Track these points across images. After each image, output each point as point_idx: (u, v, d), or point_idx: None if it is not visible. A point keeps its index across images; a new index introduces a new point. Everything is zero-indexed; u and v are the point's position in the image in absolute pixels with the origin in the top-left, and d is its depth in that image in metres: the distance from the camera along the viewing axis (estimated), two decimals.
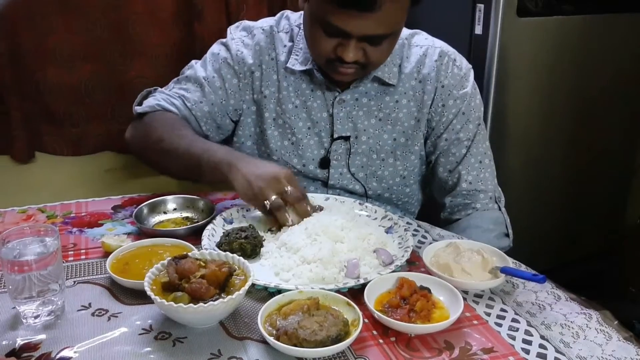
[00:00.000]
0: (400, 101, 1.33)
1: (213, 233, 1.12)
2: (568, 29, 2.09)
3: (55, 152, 1.95)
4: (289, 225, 1.11)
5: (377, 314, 0.87)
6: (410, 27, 1.37)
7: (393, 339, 0.87)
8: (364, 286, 0.93)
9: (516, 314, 0.94)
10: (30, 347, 0.84)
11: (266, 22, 1.39)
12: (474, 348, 0.86)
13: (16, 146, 1.86)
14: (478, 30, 1.94)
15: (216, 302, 0.84)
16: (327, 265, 1.01)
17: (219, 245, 1.07)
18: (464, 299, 0.94)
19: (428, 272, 1.00)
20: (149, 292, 0.86)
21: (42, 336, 0.86)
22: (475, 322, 0.92)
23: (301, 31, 1.32)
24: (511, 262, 1.03)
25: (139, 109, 1.35)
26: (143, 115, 1.34)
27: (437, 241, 1.11)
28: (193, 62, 1.40)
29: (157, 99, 1.35)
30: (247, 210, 1.21)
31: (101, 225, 1.22)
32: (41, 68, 1.82)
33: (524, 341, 0.87)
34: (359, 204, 1.25)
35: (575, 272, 2.02)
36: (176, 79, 1.40)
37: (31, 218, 1.25)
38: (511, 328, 0.91)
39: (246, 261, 0.94)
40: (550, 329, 0.90)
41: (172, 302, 0.84)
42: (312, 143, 1.36)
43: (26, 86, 1.83)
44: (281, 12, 1.40)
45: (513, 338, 0.88)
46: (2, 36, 1.74)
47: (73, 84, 1.87)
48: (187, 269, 0.88)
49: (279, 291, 0.93)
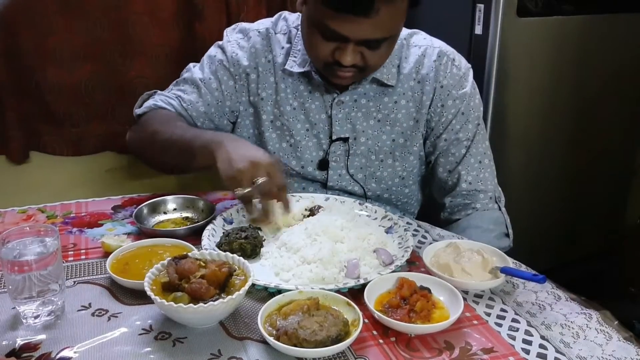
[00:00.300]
0: (399, 102, 1.33)
1: (213, 233, 1.12)
2: (568, 29, 2.09)
3: (55, 152, 1.95)
4: (252, 218, 1.11)
5: (377, 314, 0.87)
6: (409, 27, 1.36)
7: (393, 339, 0.87)
8: (364, 286, 0.93)
9: (516, 314, 0.94)
10: (30, 347, 0.84)
11: (263, 24, 1.38)
12: (474, 348, 0.86)
13: (11, 146, 1.86)
14: (478, 30, 1.93)
15: (216, 302, 0.84)
16: (327, 265, 1.01)
17: (219, 245, 1.07)
18: (464, 299, 0.93)
19: (428, 272, 1.00)
20: (149, 292, 0.86)
21: (42, 336, 0.86)
22: (475, 322, 0.92)
23: (299, 33, 1.32)
24: (511, 262, 1.03)
25: (138, 110, 1.38)
26: (141, 116, 1.37)
27: (437, 241, 1.11)
28: (191, 65, 1.42)
29: (155, 100, 1.37)
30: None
31: (101, 225, 1.22)
32: (41, 68, 1.82)
33: (524, 341, 0.87)
34: (359, 204, 1.25)
35: (575, 272, 2.02)
36: (175, 82, 1.42)
37: (31, 218, 1.25)
38: (511, 328, 0.91)
39: (246, 261, 0.94)
40: (550, 329, 0.90)
41: (172, 302, 0.84)
42: (311, 145, 1.36)
43: (26, 86, 1.83)
44: (279, 14, 1.40)
45: (513, 338, 0.88)
46: (0, 37, 1.74)
47: (73, 84, 1.87)
48: (187, 269, 0.88)
49: (279, 291, 0.93)
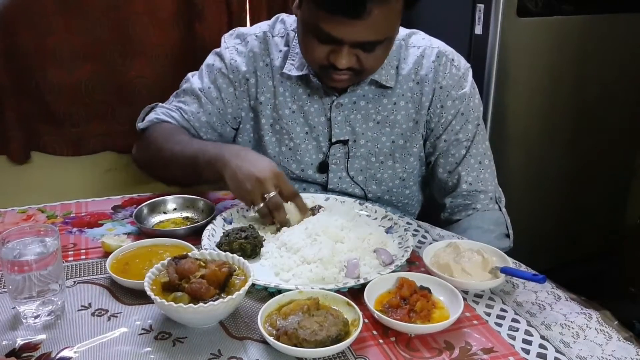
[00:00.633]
0: (398, 103, 1.32)
1: (213, 233, 1.12)
2: (568, 29, 2.08)
3: (55, 153, 1.95)
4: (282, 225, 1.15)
5: (377, 314, 0.87)
6: (409, 27, 1.36)
7: (393, 339, 0.87)
8: (364, 286, 0.93)
9: (516, 314, 0.94)
10: (30, 347, 0.84)
11: (260, 28, 1.37)
12: (474, 348, 0.86)
13: (11, 147, 1.86)
14: (478, 30, 1.93)
15: (216, 302, 0.84)
16: (327, 265, 1.01)
17: (219, 245, 1.07)
18: (464, 299, 0.94)
19: (428, 272, 1.00)
20: (149, 292, 0.86)
21: (42, 336, 0.86)
22: (475, 322, 0.92)
23: (297, 35, 1.31)
24: (511, 262, 1.03)
25: (141, 125, 1.38)
26: (144, 130, 1.37)
27: (437, 241, 1.11)
28: (189, 75, 1.41)
29: (157, 113, 1.37)
30: (247, 210, 1.21)
31: (101, 225, 1.22)
32: (41, 68, 1.83)
33: (524, 341, 0.87)
34: (359, 204, 1.25)
35: (575, 272, 2.01)
36: (175, 93, 1.42)
37: (31, 218, 1.25)
38: (511, 328, 0.91)
39: (246, 261, 0.94)
40: (550, 329, 0.90)
41: (172, 302, 0.84)
42: (310, 148, 1.36)
43: (26, 86, 1.83)
44: (276, 16, 1.39)
45: (513, 338, 0.88)
46: (0, 36, 1.74)
47: (73, 84, 1.88)
48: (187, 269, 0.88)
49: (279, 291, 0.93)
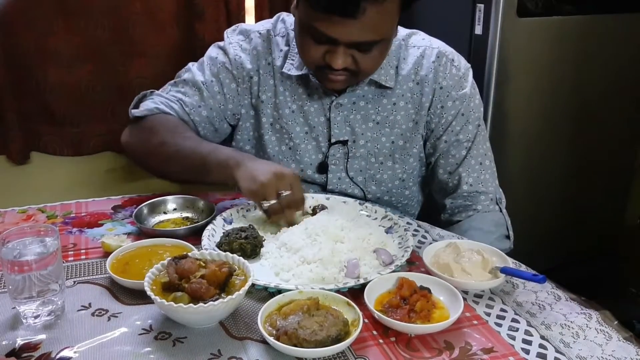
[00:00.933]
0: (397, 104, 1.32)
1: (213, 233, 1.12)
2: (568, 29, 2.08)
3: (55, 153, 1.95)
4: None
5: (377, 314, 0.87)
6: (409, 27, 1.36)
7: (393, 339, 0.87)
8: (364, 286, 0.93)
9: (516, 314, 0.94)
10: (30, 347, 0.84)
11: (263, 26, 1.37)
12: (474, 348, 0.86)
13: (11, 147, 1.86)
14: (478, 30, 1.93)
15: (216, 302, 0.84)
16: (327, 265, 1.01)
17: (219, 245, 1.07)
18: (464, 299, 0.94)
19: (428, 272, 1.00)
20: (149, 292, 0.86)
21: (42, 336, 0.86)
22: (475, 322, 0.92)
23: (294, 36, 1.31)
24: (511, 262, 1.03)
25: (137, 112, 1.31)
26: (140, 118, 1.31)
27: (437, 241, 1.11)
28: (190, 65, 1.38)
29: (156, 103, 1.32)
30: (247, 210, 1.22)
31: (101, 225, 1.22)
32: (41, 68, 1.83)
33: (524, 341, 0.87)
34: (359, 204, 1.25)
35: (575, 272, 2.01)
36: (173, 82, 1.38)
37: (31, 218, 1.25)
38: (511, 328, 0.91)
39: (246, 261, 0.94)
40: (550, 329, 0.90)
41: (172, 302, 0.84)
42: (310, 148, 1.36)
43: (26, 86, 1.83)
44: (277, 15, 1.38)
45: (513, 338, 0.88)
46: (0, 36, 1.74)
47: (73, 84, 1.88)
48: (187, 269, 0.88)
49: (279, 291, 0.93)
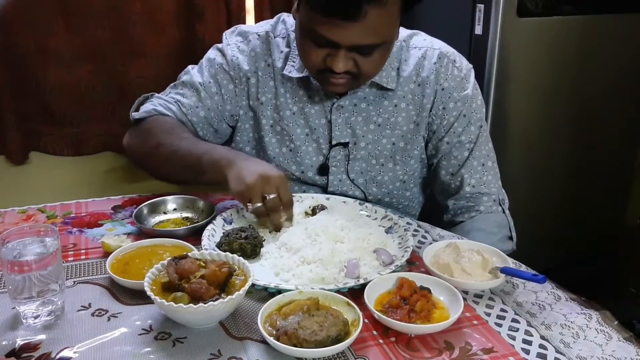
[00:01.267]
0: (399, 105, 1.32)
1: (213, 233, 1.12)
2: (568, 29, 2.08)
3: (55, 153, 1.95)
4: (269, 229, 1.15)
5: (377, 314, 0.87)
6: (410, 28, 1.36)
7: (393, 339, 0.87)
8: (364, 286, 0.93)
9: (516, 314, 0.94)
10: (30, 347, 0.84)
11: (262, 27, 1.36)
12: (474, 348, 0.86)
13: (11, 147, 1.87)
14: (478, 30, 1.93)
15: (216, 302, 0.84)
16: (327, 265, 1.01)
17: (219, 245, 1.07)
18: (464, 299, 0.94)
19: (428, 272, 1.00)
20: (149, 292, 0.86)
21: (42, 336, 0.86)
22: (475, 322, 0.92)
23: (295, 39, 1.30)
24: (511, 262, 1.03)
25: (136, 115, 1.33)
26: (140, 121, 1.33)
27: (437, 241, 1.11)
28: (189, 68, 1.39)
29: (154, 104, 1.34)
30: (245, 209, 1.21)
31: (101, 225, 1.22)
32: (41, 68, 1.83)
33: (524, 341, 0.87)
34: (359, 204, 1.25)
35: (575, 272, 2.01)
36: (173, 84, 1.39)
37: (31, 218, 1.25)
38: (511, 328, 0.91)
39: (246, 261, 0.94)
40: (550, 329, 0.90)
41: (172, 302, 0.84)
42: (311, 150, 1.35)
43: (26, 86, 1.83)
44: (278, 16, 1.38)
45: (513, 338, 0.88)
46: (0, 36, 1.74)
47: (73, 84, 1.88)
48: (187, 269, 0.88)
49: (279, 291, 0.93)
